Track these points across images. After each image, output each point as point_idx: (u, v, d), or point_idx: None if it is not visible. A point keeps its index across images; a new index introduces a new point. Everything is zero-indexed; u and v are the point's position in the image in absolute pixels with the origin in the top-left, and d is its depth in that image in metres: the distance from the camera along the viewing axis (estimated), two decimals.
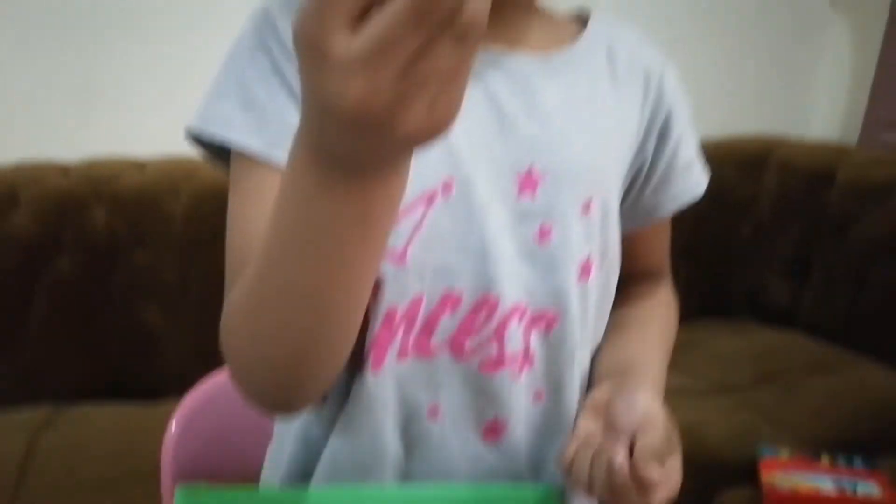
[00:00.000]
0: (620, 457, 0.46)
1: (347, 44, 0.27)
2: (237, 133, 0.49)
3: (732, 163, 1.74)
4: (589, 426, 0.51)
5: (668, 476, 0.46)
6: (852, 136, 1.87)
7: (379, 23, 0.27)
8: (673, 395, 1.33)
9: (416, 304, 0.52)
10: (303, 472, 0.57)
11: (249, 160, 0.49)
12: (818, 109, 1.99)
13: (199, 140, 0.52)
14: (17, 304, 1.32)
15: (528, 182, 0.52)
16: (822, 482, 1.13)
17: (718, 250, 1.74)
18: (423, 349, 0.53)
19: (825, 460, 1.17)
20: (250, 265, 0.42)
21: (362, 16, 0.27)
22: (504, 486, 0.56)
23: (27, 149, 1.40)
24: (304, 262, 0.38)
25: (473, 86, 0.51)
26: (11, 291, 1.32)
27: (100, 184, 1.35)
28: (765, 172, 1.75)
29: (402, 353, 0.52)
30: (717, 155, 1.72)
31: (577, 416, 0.54)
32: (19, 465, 1.11)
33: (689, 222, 1.64)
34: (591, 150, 0.54)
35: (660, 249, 0.67)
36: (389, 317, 0.52)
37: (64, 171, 1.37)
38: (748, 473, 1.16)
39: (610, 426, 0.50)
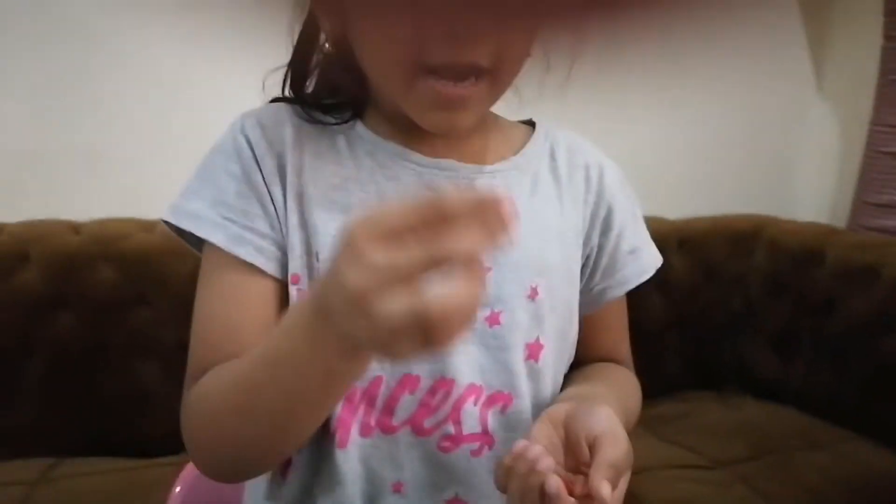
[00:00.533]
0: (554, 480, 0.45)
1: (372, 250, 0.35)
2: (204, 227, 0.56)
3: (723, 240, 1.79)
4: (543, 439, 0.51)
5: (616, 499, 0.46)
6: (841, 219, 1.93)
7: (395, 253, 0.35)
8: (667, 469, 1.34)
9: (375, 384, 0.55)
10: None
11: (217, 254, 0.56)
12: (807, 193, 2.06)
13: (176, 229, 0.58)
14: (18, 359, 1.34)
15: None
16: None
17: (709, 324, 1.77)
18: (385, 427, 0.56)
19: None
20: (224, 368, 0.51)
21: (397, 237, 0.35)
22: None
23: (40, 208, 1.44)
24: (276, 390, 0.45)
25: (430, 193, 0.57)
26: (13, 346, 1.33)
27: (108, 243, 1.39)
28: (754, 250, 1.80)
29: (364, 429, 0.56)
30: (709, 232, 1.79)
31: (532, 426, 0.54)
32: None
33: (680, 295, 1.71)
34: (532, 243, 0.59)
35: (616, 333, 0.71)
36: (350, 397, 0.55)
37: (74, 228, 1.41)
38: None
39: (568, 438, 0.50)
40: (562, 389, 0.64)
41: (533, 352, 0.59)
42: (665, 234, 1.73)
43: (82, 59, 1.45)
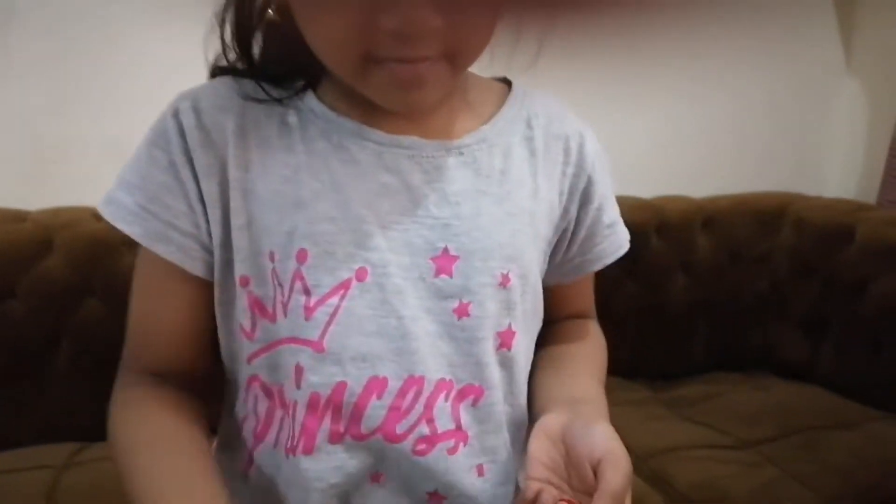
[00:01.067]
0: None
1: None
2: (123, 218, 0.53)
3: (748, 218, 1.75)
4: (543, 455, 0.51)
5: None
6: (870, 196, 1.88)
7: None
8: (693, 449, 1.33)
9: (339, 391, 0.52)
10: None
11: (144, 247, 0.54)
12: (834, 169, 2.01)
13: None
14: (46, 346, 1.35)
15: (443, 262, 0.54)
16: None
17: (734, 305, 1.74)
18: (355, 435, 0.53)
19: None
20: (137, 422, 0.54)
21: None
22: None
23: (63, 197, 1.45)
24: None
25: (391, 176, 0.54)
26: (41, 333, 1.35)
27: None
28: (780, 228, 1.76)
29: (334, 436, 0.53)
30: (733, 211, 1.76)
31: (527, 440, 0.53)
32: (44, 501, 1.13)
33: (705, 276, 1.68)
34: (503, 228, 0.56)
35: (587, 297, 0.70)
36: (314, 403, 0.53)
37: (97, 215, 1.41)
38: None
39: (569, 457, 0.50)
40: (534, 358, 0.63)
41: (505, 340, 0.57)
42: (689, 214, 1.70)
43: (106, 54, 1.45)
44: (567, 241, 0.62)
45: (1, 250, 1.35)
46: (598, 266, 0.65)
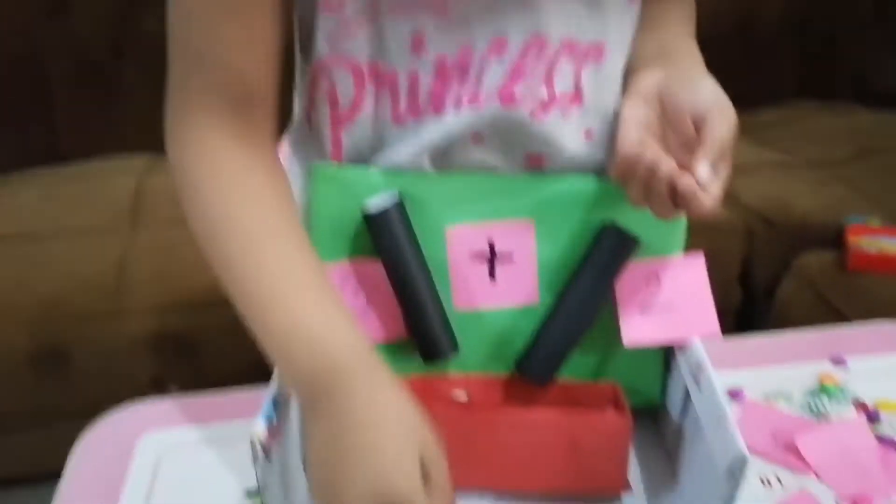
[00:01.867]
0: (687, 179, 0.42)
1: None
2: None
3: None
4: (637, 117, 0.48)
5: (722, 179, 0.44)
6: None
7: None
8: (762, 168, 1.31)
9: (465, 53, 0.49)
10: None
11: None
12: None
13: None
14: (110, 60, 1.37)
15: None
16: None
17: (829, 28, 1.60)
18: (473, 98, 0.51)
19: None
20: (245, 233, 0.46)
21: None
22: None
23: None
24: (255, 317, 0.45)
25: None
26: (102, 49, 1.37)
27: None
28: None
29: (457, 100, 0.51)
30: None
31: (622, 105, 0.50)
32: (132, 201, 1.23)
33: None
34: None
35: None
36: (440, 67, 0.49)
37: None
38: (834, 241, 1.15)
39: (668, 113, 0.47)
40: None
41: None
42: None
43: None
44: None
45: None
46: None
